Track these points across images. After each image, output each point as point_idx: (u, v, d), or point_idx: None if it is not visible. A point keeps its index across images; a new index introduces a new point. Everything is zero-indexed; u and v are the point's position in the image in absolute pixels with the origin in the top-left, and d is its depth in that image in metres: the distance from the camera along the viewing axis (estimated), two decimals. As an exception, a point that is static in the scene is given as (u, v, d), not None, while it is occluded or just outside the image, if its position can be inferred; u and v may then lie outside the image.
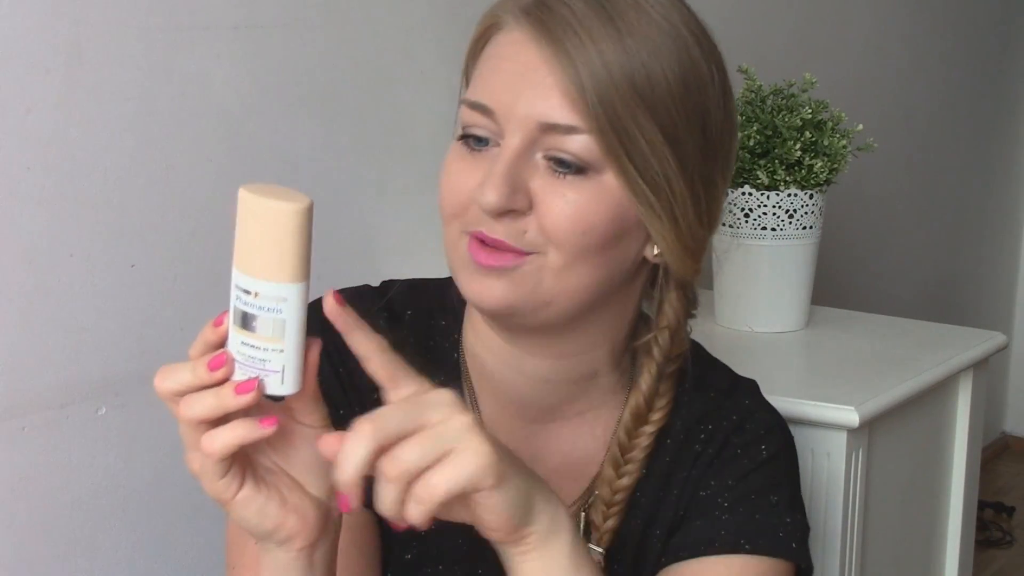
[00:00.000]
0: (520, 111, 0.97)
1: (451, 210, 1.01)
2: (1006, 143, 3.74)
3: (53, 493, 1.33)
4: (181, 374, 0.85)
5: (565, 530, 0.91)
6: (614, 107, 0.96)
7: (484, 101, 0.99)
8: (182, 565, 1.46)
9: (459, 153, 1.01)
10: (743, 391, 1.13)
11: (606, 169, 0.97)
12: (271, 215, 0.82)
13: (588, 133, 0.96)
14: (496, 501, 0.85)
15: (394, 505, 0.83)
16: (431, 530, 1.04)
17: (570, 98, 0.96)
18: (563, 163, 0.97)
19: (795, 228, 1.72)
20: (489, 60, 1.00)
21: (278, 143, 1.52)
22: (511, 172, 0.97)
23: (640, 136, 0.97)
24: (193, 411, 0.84)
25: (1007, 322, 3.87)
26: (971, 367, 1.71)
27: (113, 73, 1.33)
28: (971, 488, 1.76)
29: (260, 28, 1.48)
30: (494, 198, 0.96)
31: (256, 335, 0.83)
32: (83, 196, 1.32)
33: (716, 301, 1.80)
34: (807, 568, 1.09)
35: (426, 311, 1.12)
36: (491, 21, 1.02)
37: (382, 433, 0.82)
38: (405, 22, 1.67)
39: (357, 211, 1.64)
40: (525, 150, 0.97)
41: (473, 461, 0.82)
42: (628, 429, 1.07)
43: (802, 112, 1.70)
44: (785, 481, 1.10)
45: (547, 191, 0.97)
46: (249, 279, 0.82)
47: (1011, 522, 3.42)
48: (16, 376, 1.28)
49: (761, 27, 2.48)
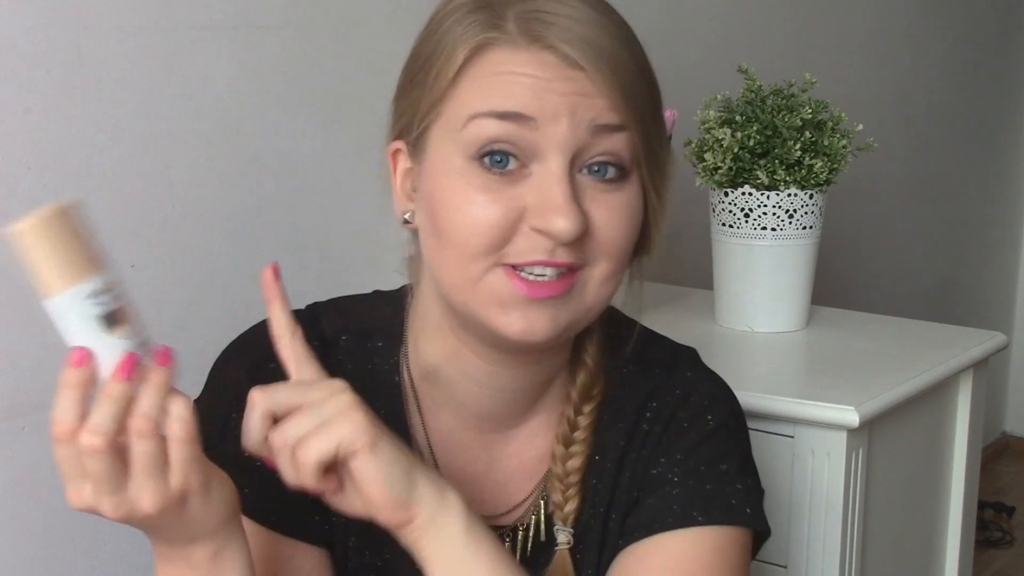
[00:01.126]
0: (570, 118, 0.94)
1: (486, 245, 0.94)
2: (1006, 143, 3.74)
3: (53, 493, 1.33)
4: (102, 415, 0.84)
5: (455, 509, 0.94)
6: (644, 110, 0.97)
7: (519, 109, 0.93)
8: (182, 565, 1.46)
9: (476, 178, 0.95)
10: (684, 363, 1.13)
11: (633, 172, 0.98)
12: (59, 224, 0.85)
13: (628, 131, 0.96)
14: (372, 468, 0.90)
15: (289, 473, 0.91)
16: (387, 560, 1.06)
17: (615, 103, 0.95)
18: (603, 167, 0.96)
19: (795, 228, 1.72)
20: (498, 75, 0.95)
21: (278, 143, 1.52)
22: (574, 192, 0.94)
23: (656, 132, 0.99)
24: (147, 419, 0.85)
25: (1007, 322, 3.87)
26: (971, 367, 1.71)
27: (113, 73, 1.33)
28: (971, 488, 1.76)
29: (260, 28, 1.48)
30: (571, 224, 0.93)
31: (129, 326, 0.86)
32: (83, 196, 1.32)
33: (716, 301, 1.80)
34: (764, 532, 1.09)
35: (361, 334, 1.09)
36: (475, 42, 0.96)
37: (269, 402, 0.90)
38: (405, 22, 1.67)
39: (357, 211, 1.64)
40: (572, 165, 0.95)
41: (345, 426, 0.90)
42: (576, 406, 1.08)
43: (802, 112, 1.70)
44: (734, 448, 1.09)
45: (597, 204, 0.96)
46: (85, 285, 0.85)
47: (1011, 522, 3.42)
48: (16, 376, 1.28)
49: (761, 27, 2.48)
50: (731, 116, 1.72)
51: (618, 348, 1.11)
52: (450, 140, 0.96)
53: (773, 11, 2.52)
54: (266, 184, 1.51)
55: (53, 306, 0.85)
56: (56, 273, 0.84)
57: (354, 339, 1.09)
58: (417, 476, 0.93)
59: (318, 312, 1.10)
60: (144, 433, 0.84)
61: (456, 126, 0.96)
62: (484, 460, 1.09)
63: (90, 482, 0.85)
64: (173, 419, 0.86)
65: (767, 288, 1.74)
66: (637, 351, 1.11)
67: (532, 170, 0.95)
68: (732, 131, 1.68)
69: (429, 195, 0.98)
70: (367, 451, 0.90)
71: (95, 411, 0.84)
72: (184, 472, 0.86)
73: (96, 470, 0.84)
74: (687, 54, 2.20)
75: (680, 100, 1.05)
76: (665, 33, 1.67)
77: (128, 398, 0.84)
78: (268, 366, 0.97)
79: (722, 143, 1.68)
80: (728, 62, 1.91)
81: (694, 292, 1.91)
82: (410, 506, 0.92)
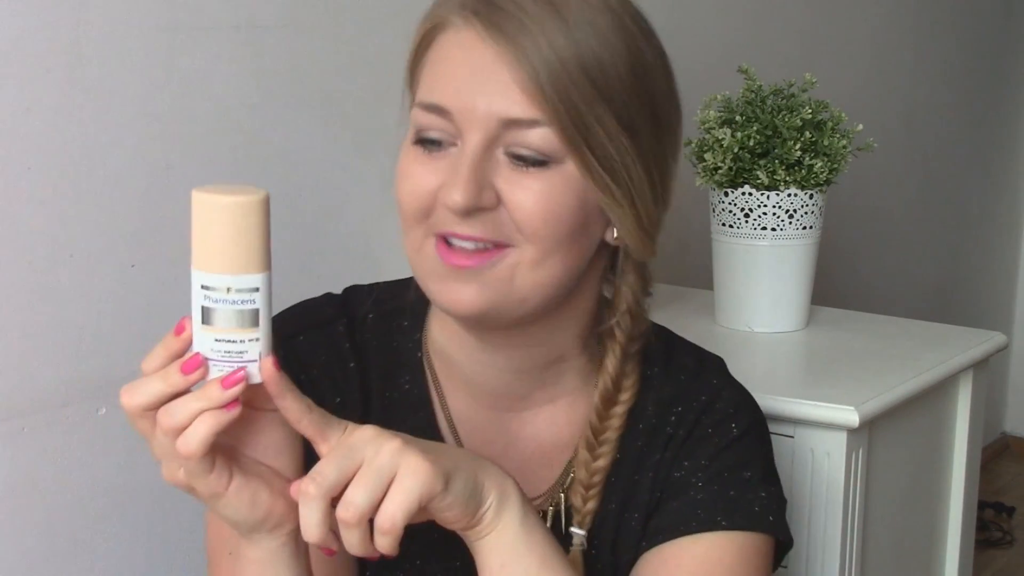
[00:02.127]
0: (480, 109, 0.97)
1: (414, 214, 1.00)
2: (1006, 143, 3.74)
3: (53, 493, 1.33)
4: (151, 386, 0.87)
5: (514, 500, 0.95)
6: (571, 98, 0.97)
7: (440, 102, 0.99)
8: (182, 565, 1.46)
9: (415, 156, 1.01)
10: (711, 370, 1.14)
11: (567, 159, 0.99)
12: (232, 210, 0.84)
13: (548, 125, 0.97)
14: (450, 500, 0.91)
15: (361, 545, 0.88)
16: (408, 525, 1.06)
17: (528, 92, 0.96)
18: (523, 158, 0.98)
19: (795, 228, 1.72)
20: (439, 62, 1.00)
21: (278, 143, 1.52)
22: (476, 171, 0.98)
23: (597, 125, 0.98)
24: (176, 419, 0.87)
25: (1007, 322, 3.87)
26: (971, 367, 1.71)
27: (113, 73, 1.33)
28: (971, 488, 1.76)
29: (260, 28, 1.48)
30: (462, 197, 0.97)
31: (232, 329, 0.85)
32: (83, 196, 1.32)
33: (716, 301, 1.80)
34: (786, 541, 1.10)
35: (387, 313, 1.13)
36: (433, 22, 1.02)
37: (325, 488, 0.88)
38: (405, 22, 1.66)
39: (357, 211, 1.64)
40: (487, 147, 0.98)
41: (416, 479, 0.88)
42: (599, 411, 1.09)
43: (802, 112, 1.69)
44: (757, 456, 1.11)
45: (512, 184, 0.98)
46: (218, 276, 0.84)
47: (1011, 522, 3.42)
48: (16, 376, 1.28)
49: (761, 27, 2.48)
50: (731, 116, 1.72)
51: (646, 352, 1.12)
52: (410, 122, 1.03)
53: (773, 11, 2.52)
54: (266, 184, 1.50)
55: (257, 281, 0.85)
56: (264, 252, 0.85)
57: (380, 318, 1.13)
58: (483, 479, 0.94)
59: (351, 293, 1.16)
60: (163, 427, 0.87)
61: (409, 110, 1.03)
62: (502, 442, 1.10)
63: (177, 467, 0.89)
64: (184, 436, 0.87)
65: (767, 288, 1.74)
66: (664, 356, 1.13)
67: (458, 147, 1.00)
68: (732, 131, 1.68)
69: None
70: (443, 491, 0.90)
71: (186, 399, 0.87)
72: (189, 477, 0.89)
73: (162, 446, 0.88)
74: (687, 54, 2.20)
75: (680, 100, 1.05)
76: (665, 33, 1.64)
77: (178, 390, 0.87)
78: (297, 339, 1.06)
79: (722, 143, 1.68)
80: (728, 62, 1.91)
81: (694, 292, 1.91)
82: (481, 510, 0.94)
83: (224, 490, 0.90)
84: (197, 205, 0.85)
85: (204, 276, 0.85)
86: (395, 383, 1.11)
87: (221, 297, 0.84)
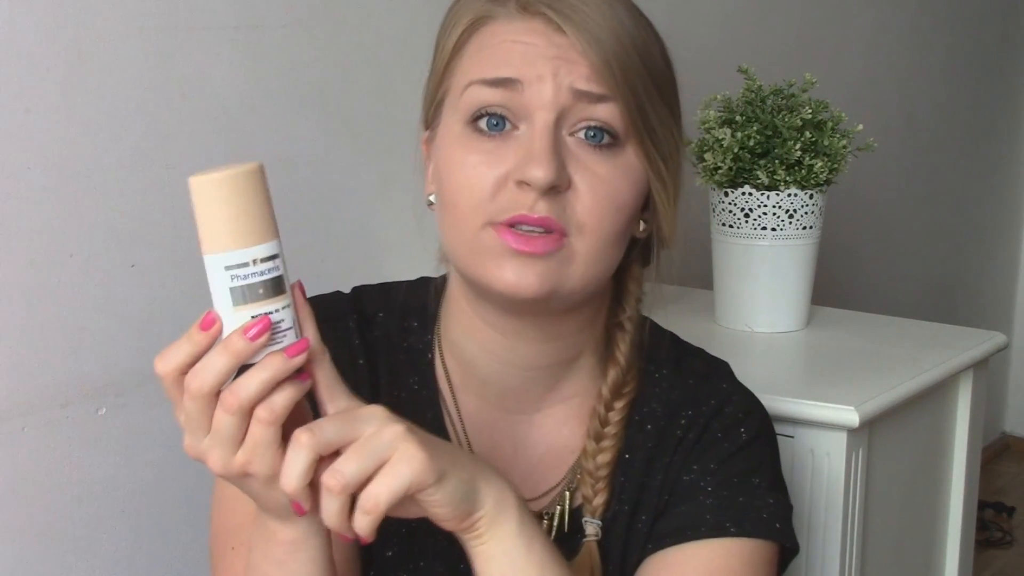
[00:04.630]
0: (552, 80, 0.98)
1: (475, 203, 0.99)
2: (1006, 143, 3.74)
3: (53, 493, 1.33)
4: (179, 347, 0.86)
5: (512, 506, 0.94)
6: (634, 81, 0.99)
7: (509, 74, 0.98)
8: (182, 565, 1.46)
9: (470, 142, 1.00)
10: (720, 375, 1.15)
11: (628, 143, 1.00)
12: (232, 185, 0.84)
13: (614, 102, 0.99)
14: (440, 497, 0.89)
15: (339, 516, 0.86)
16: (412, 527, 1.06)
17: (597, 70, 0.98)
18: (596, 132, 0.99)
19: (795, 228, 1.72)
20: (492, 46, 1.00)
21: (278, 143, 1.52)
22: (556, 144, 0.98)
23: (652, 110, 1.01)
24: (245, 393, 0.84)
25: (1007, 322, 3.87)
26: (971, 367, 1.71)
27: (113, 73, 1.33)
28: (971, 488, 1.76)
29: (260, 28, 1.48)
30: (544, 172, 0.96)
31: (266, 301, 0.84)
32: (83, 196, 1.32)
33: (716, 301, 1.80)
34: (792, 547, 1.10)
35: (397, 313, 1.13)
36: (477, 14, 1.02)
37: (319, 441, 0.85)
38: (405, 22, 1.67)
39: (357, 211, 1.64)
40: (558, 124, 0.98)
41: (410, 466, 0.86)
42: (607, 402, 1.10)
43: (802, 112, 1.70)
44: (766, 462, 1.11)
45: (582, 169, 0.99)
46: (240, 251, 0.84)
47: (1011, 522, 3.42)
48: (16, 376, 1.28)
49: (761, 27, 2.48)
50: (731, 116, 1.72)
51: (653, 353, 1.13)
52: (453, 109, 1.02)
53: (773, 11, 2.52)
54: (266, 184, 1.51)
55: (275, 247, 0.85)
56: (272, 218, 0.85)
57: (391, 317, 1.13)
58: (478, 483, 0.92)
59: (361, 292, 1.16)
60: (227, 406, 0.85)
61: (457, 96, 1.01)
62: (511, 444, 1.11)
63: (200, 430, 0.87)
64: (264, 403, 0.85)
65: (767, 288, 1.74)
66: (672, 358, 1.14)
67: (521, 130, 0.99)
68: (732, 131, 1.68)
69: (438, 165, 1.04)
70: (435, 485, 0.88)
71: (209, 356, 0.85)
72: (251, 452, 0.86)
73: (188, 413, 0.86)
74: (687, 54, 2.20)
75: (680, 100, 1.06)
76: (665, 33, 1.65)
77: (240, 359, 0.84)
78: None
79: (722, 143, 1.68)
80: (728, 62, 1.91)
81: (694, 292, 1.91)
82: (474, 515, 0.92)
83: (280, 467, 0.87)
84: (197, 189, 0.84)
85: (224, 257, 0.84)
86: (404, 383, 1.11)
87: (248, 272, 0.84)
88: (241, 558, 1.02)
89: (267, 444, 0.86)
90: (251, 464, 0.87)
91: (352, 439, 0.86)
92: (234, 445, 0.86)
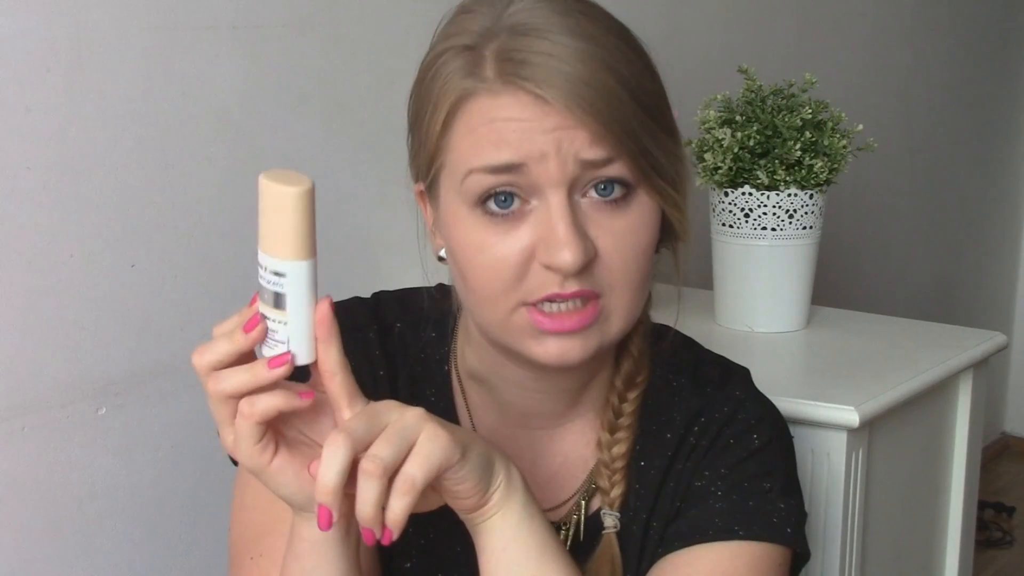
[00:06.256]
0: (556, 156, 0.94)
1: (503, 286, 0.97)
2: (1006, 143, 3.74)
3: (53, 493, 1.33)
4: (219, 345, 0.89)
5: (518, 484, 0.96)
6: (635, 130, 0.96)
7: (510, 159, 0.95)
8: (182, 565, 1.46)
9: (483, 225, 0.97)
10: (735, 383, 1.14)
11: (639, 187, 0.98)
12: (273, 198, 0.88)
13: (619, 159, 0.96)
14: (465, 472, 0.91)
15: (375, 505, 0.87)
16: (430, 538, 1.06)
17: (598, 134, 0.95)
18: (607, 186, 0.97)
19: (795, 228, 1.72)
20: (482, 126, 0.96)
21: (278, 143, 1.52)
22: (576, 224, 0.96)
23: (654, 146, 0.98)
24: (223, 386, 0.88)
25: (1007, 322, 3.87)
26: (971, 367, 1.71)
27: (113, 73, 1.33)
28: (971, 488, 1.76)
29: (260, 28, 1.48)
30: (573, 256, 0.94)
31: (270, 308, 0.89)
32: (83, 196, 1.32)
33: (716, 301, 1.80)
34: (804, 553, 1.10)
35: (414, 323, 1.13)
36: (457, 95, 0.97)
37: (354, 438, 0.87)
38: (405, 22, 1.67)
39: (357, 211, 1.64)
40: (570, 194, 0.96)
41: (439, 443, 0.89)
42: (620, 392, 1.10)
43: (802, 112, 1.69)
44: (779, 468, 1.11)
45: (603, 230, 0.97)
46: (264, 256, 0.88)
47: (1011, 522, 3.42)
48: (16, 376, 1.28)
49: (761, 27, 2.48)
50: (731, 116, 1.72)
51: (672, 362, 1.13)
52: (455, 191, 0.99)
53: (773, 11, 2.52)
54: (266, 184, 1.51)
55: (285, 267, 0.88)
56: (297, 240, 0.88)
57: (408, 327, 1.13)
58: (493, 457, 0.95)
59: (381, 300, 1.15)
60: (209, 391, 0.89)
61: (457, 179, 0.98)
62: (528, 457, 1.10)
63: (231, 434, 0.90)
64: (247, 399, 0.88)
65: (767, 288, 1.74)
66: (690, 367, 1.13)
67: (533, 206, 0.96)
68: (732, 131, 1.68)
69: (448, 242, 1.02)
70: (460, 461, 0.90)
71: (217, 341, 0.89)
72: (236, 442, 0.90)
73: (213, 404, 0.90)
74: (687, 54, 2.20)
75: (680, 100, 1.05)
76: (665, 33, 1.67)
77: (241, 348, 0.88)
78: None
79: (722, 143, 1.68)
80: (728, 62, 1.91)
81: (694, 292, 1.91)
82: (491, 489, 0.94)
83: (267, 464, 0.90)
84: (259, 189, 0.89)
85: (259, 256, 0.89)
86: (422, 394, 1.11)
87: (265, 276, 0.88)
88: (261, 568, 1.03)
89: (243, 437, 0.89)
90: (236, 453, 0.91)
91: (381, 429, 0.89)
92: (225, 427, 0.90)
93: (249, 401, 0.88)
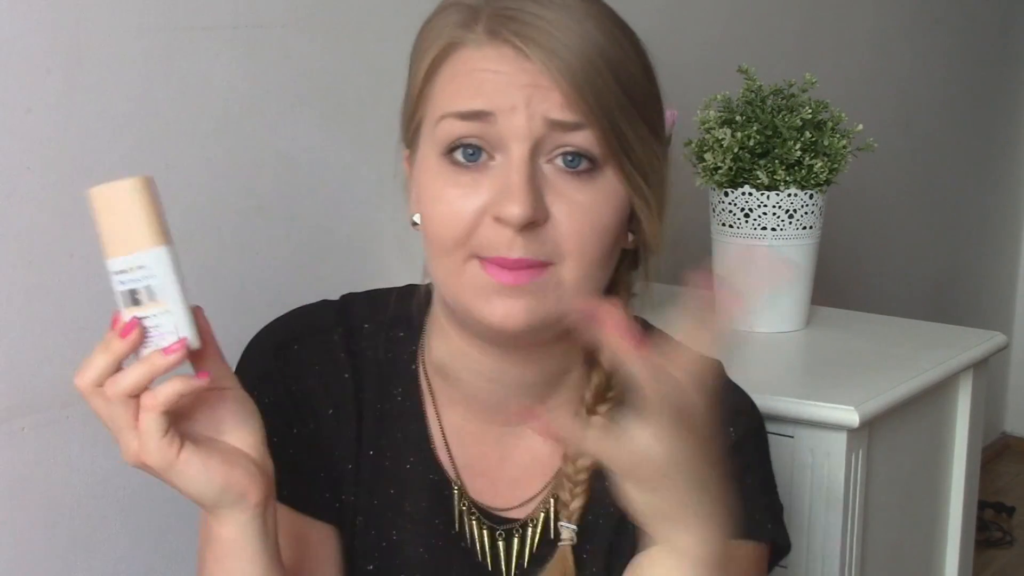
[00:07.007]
0: (525, 110, 0.96)
1: (455, 238, 0.98)
2: (1006, 143, 3.74)
3: (53, 493, 1.33)
4: (96, 360, 0.91)
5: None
6: (609, 104, 0.97)
7: (481, 107, 0.97)
8: (181, 565, 1.46)
9: (447, 174, 0.99)
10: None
11: (607, 166, 0.99)
12: (109, 196, 0.90)
13: (589, 128, 0.97)
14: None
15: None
16: (393, 540, 1.05)
17: (570, 97, 0.96)
18: (573, 157, 0.97)
19: (795, 228, 1.72)
20: (463, 75, 0.99)
21: (278, 143, 1.52)
22: (531, 179, 0.96)
23: (629, 130, 0.99)
24: (120, 386, 0.90)
25: (1007, 322, 3.87)
26: (971, 367, 1.71)
27: (113, 73, 1.33)
28: (971, 488, 1.76)
29: (260, 28, 1.48)
30: (521, 209, 0.95)
31: (143, 306, 0.90)
32: (83, 196, 1.32)
33: (716, 301, 1.79)
34: (785, 545, 1.10)
35: (383, 323, 1.13)
36: (445, 42, 1.00)
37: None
38: (405, 22, 1.66)
39: (357, 211, 1.64)
40: (534, 154, 0.97)
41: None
42: (589, 407, 1.09)
43: (802, 112, 1.70)
44: (757, 462, 1.10)
45: (561, 197, 0.97)
46: (117, 260, 0.90)
47: (1011, 522, 3.42)
48: (16, 376, 1.28)
49: (761, 27, 2.48)
50: (731, 116, 1.72)
51: None
52: (429, 139, 1.01)
53: (773, 11, 2.52)
54: (266, 184, 1.51)
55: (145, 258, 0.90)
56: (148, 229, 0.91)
57: (377, 327, 1.12)
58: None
59: (349, 301, 1.15)
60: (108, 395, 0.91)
61: (431, 126, 1.00)
62: (497, 454, 1.10)
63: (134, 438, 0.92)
64: (148, 391, 0.90)
65: (767, 288, 1.74)
66: None
67: (497, 162, 0.98)
68: (732, 131, 1.68)
69: (419, 193, 1.03)
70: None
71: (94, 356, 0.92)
72: (142, 442, 0.91)
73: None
74: (687, 54, 2.20)
75: (680, 100, 1.06)
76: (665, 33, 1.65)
77: (120, 355, 0.90)
78: (292, 347, 1.07)
79: (722, 143, 1.68)
80: (728, 62, 1.91)
81: (694, 292, 1.91)
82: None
83: (175, 458, 0.91)
84: (91, 201, 0.91)
85: (109, 264, 0.90)
86: (388, 394, 1.11)
87: (126, 279, 0.90)
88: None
89: (150, 432, 0.90)
90: (143, 454, 0.91)
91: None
92: (127, 433, 0.92)
93: (150, 393, 0.89)
